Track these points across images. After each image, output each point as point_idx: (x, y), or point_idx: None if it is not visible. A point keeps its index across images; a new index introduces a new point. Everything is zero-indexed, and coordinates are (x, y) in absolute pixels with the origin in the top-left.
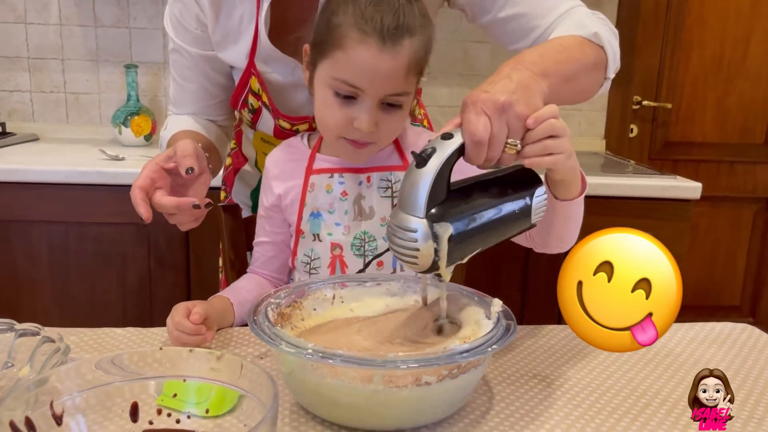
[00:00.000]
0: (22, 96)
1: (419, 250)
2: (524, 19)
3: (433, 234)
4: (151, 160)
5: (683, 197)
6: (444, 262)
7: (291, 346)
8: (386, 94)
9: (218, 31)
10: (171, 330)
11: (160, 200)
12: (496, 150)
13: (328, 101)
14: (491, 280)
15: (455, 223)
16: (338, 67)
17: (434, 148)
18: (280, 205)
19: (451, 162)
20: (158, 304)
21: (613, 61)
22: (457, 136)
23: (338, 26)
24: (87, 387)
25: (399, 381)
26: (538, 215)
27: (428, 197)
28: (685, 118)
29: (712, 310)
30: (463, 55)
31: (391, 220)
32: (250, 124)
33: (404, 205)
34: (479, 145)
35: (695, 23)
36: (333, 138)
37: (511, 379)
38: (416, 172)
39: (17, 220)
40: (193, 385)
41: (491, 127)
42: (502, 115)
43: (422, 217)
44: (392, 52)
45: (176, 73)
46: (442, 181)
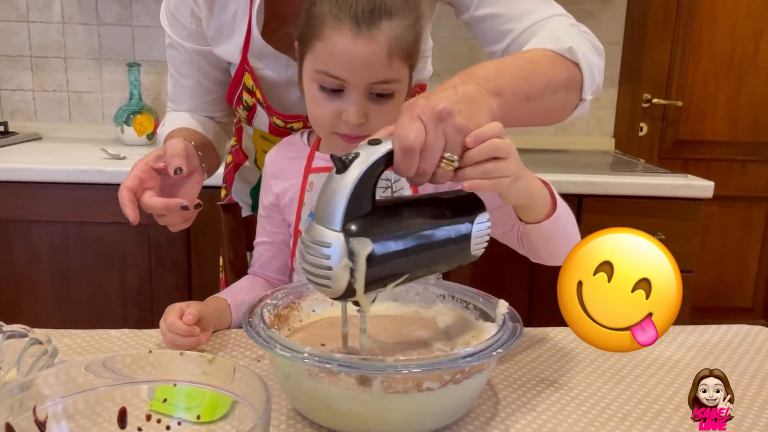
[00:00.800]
0: (25, 95)
1: (332, 269)
2: (499, 20)
3: (350, 251)
4: (141, 159)
5: (694, 196)
6: (361, 286)
7: (286, 349)
8: (370, 82)
9: (212, 26)
10: (164, 332)
11: (149, 201)
12: (429, 162)
13: (315, 96)
14: (497, 282)
15: (377, 241)
16: (319, 59)
17: (358, 153)
18: (278, 204)
19: (375, 170)
20: (159, 305)
21: (590, 81)
22: (386, 143)
23: (316, 16)
24: (75, 391)
25: (399, 386)
26: (479, 246)
27: (346, 208)
28: (695, 116)
29: (724, 312)
30: (468, 53)
31: (304, 234)
32: (246, 121)
33: (319, 216)
34: (409, 153)
35: (706, 20)
36: (325, 134)
37: (517, 383)
38: (335, 178)
39: (18, 220)
40: (183, 390)
41: (425, 135)
42: (440, 123)
43: (338, 231)
44: (368, 36)
45: (173, 68)
46: (365, 192)
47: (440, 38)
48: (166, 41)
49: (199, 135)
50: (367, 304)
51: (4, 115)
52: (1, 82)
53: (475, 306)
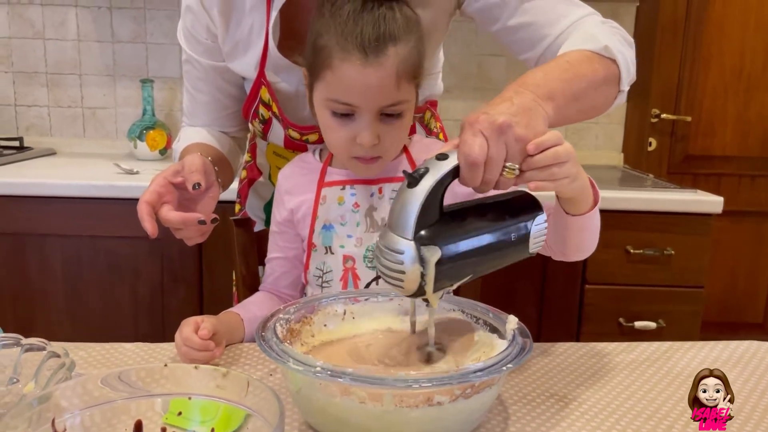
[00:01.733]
0: (40, 111)
1: (405, 273)
2: (533, 27)
3: (421, 257)
4: (159, 174)
5: (704, 211)
6: (431, 287)
7: (299, 363)
8: (381, 106)
9: (228, 42)
10: (179, 345)
11: (167, 215)
12: (493, 173)
13: (328, 123)
14: (507, 297)
15: (445, 247)
16: (330, 88)
17: (427, 168)
18: (292, 220)
19: (444, 183)
20: (170, 318)
21: (626, 74)
22: (452, 157)
23: (323, 47)
24: (92, 404)
25: (410, 401)
26: (536, 244)
27: (417, 219)
28: (705, 131)
29: (735, 328)
30: (477, 69)
31: (379, 240)
32: (261, 135)
33: (393, 225)
34: (474, 167)
35: (714, 35)
36: (344, 159)
37: (527, 398)
38: (407, 192)
39: (32, 233)
40: (198, 403)
41: (488, 148)
42: (501, 136)
43: (410, 239)
44: (376, 64)
45: (189, 84)
46: (434, 203)
47: (450, 54)
48: (182, 57)
49: (214, 150)
50: (436, 300)
51: (19, 131)
52: (17, 98)
53: (485, 321)
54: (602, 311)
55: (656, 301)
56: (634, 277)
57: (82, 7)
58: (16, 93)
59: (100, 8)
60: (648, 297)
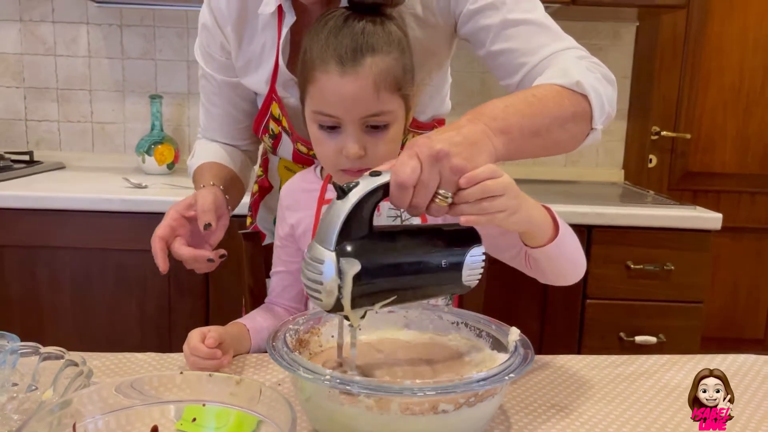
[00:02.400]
0: (50, 125)
1: (323, 284)
2: (514, 54)
3: (339, 269)
4: (173, 207)
5: (703, 228)
6: (347, 302)
7: (309, 372)
8: (362, 116)
9: (241, 58)
10: (187, 355)
11: (179, 250)
12: (422, 197)
13: (317, 136)
14: (509, 311)
15: (367, 262)
16: (314, 101)
17: (358, 182)
18: (294, 235)
19: (372, 198)
20: (177, 331)
21: (600, 112)
22: (384, 175)
23: (307, 61)
24: (108, 410)
25: (416, 408)
26: (472, 276)
27: (340, 230)
28: (704, 148)
29: (736, 343)
30: (480, 86)
31: (306, 251)
32: (271, 150)
33: (319, 236)
34: (402, 188)
35: (713, 53)
36: (333, 171)
37: (528, 408)
38: (335, 204)
39: (42, 246)
40: (212, 410)
41: (420, 172)
42: (436, 163)
43: (331, 250)
44: (353, 73)
45: (204, 98)
46: (361, 218)
47: (453, 72)
48: (199, 72)
49: (227, 170)
50: (356, 319)
51: (29, 145)
52: (28, 113)
53: (487, 333)
54: (603, 325)
55: (657, 315)
56: (634, 292)
57: (93, 24)
58: (27, 108)
59: (111, 25)
60: (648, 312)
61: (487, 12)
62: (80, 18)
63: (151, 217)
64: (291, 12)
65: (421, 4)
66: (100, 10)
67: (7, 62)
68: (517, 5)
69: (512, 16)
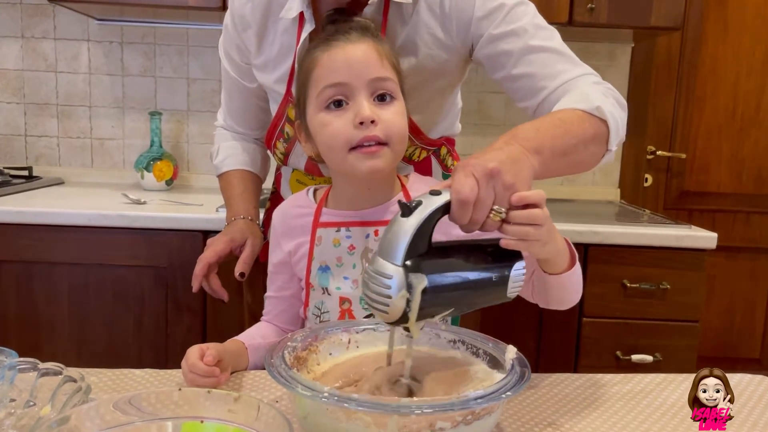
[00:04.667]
0: (50, 141)
1: (391, 298)
2: (534, 78)
3: (408, 284)
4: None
5: (699, 247)
6: (414, 315)
7: (307, 389)
8: (370, 79)
9: (260, 58)
10: (185, 372)
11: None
12: (481, 213)
13: (324, 120)
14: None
15: (431, 276)
16: (320, 82)
17: (420, 201)
18: (289, 262)
19: (434, 217)
20: (174, 347)
21: (615, 135)
22: (444, 194)
23: (306, 61)
24: (106, 427)
25: (413, 426)
26: (514, 289)
27: (408, 247)
28: (699, 168)
29: (732, 363)
30: (477, 105)
31: (369, 265)
32: (282, 158)
33: (383, 251)
34: (464, 205)
35: (708, 75)
36: (344, 152)
37: (525, 427)
38: (400, 221)
39: (40, 261)
40: (210, 427)
41: (478, 189)
42: (490, 180)
43: (399, 265)
44: (357, 42)
45: (224, 89)
46: (424, 235)
47: None
48: (220, 64)
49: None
50: (417, 330)
51: (29, 161)
52: (28, 129)
53: (485, 351)
54: (600, 344)
55: (653, 334)
56: (630, 311)
57: (94, 41)
58: (26, 124)
59: (112, 43)
60: (645, 330)
61: (508, 38)
62: (81, 35)
63: (149, 233)
64: (311, 20)
65: (441, 25)
66: (101, 28)
67: (7, 78)
68: (537, 33)
69: (534, 43)
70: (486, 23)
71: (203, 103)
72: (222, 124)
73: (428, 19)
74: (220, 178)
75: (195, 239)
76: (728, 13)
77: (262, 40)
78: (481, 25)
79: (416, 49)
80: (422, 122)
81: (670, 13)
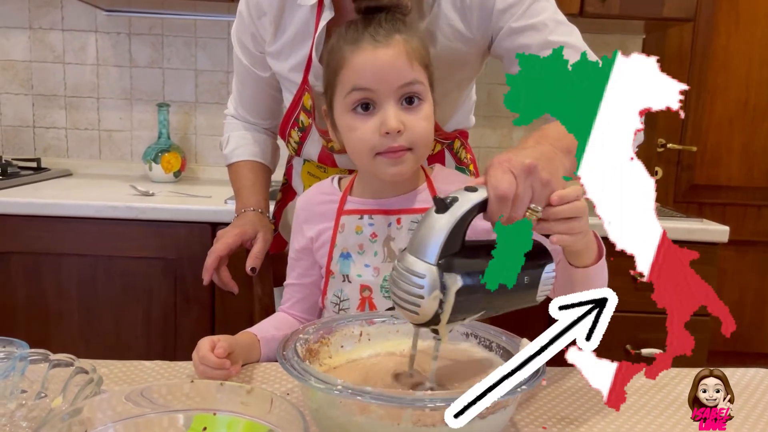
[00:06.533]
0: (58, 132)
1: (423, 298)
2: None
3: (442, 284)
4: (230, 229)
5: (710, 240)
6: (446, 317)
7: (320, 381)
8: (398, 85)
9: (276, 45)
10: (196, 364)
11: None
12: (519, 210)
13: (351, 124)
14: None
15: (465, 277)
16: (347, 84)
17: (456, 197)
18: (311, 248)
19: (471, 214)
20: (182, 339)
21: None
22: (481, 191)
23: (335, 55)
24: (118, 418)
25: (427, 420)
26: (543, 292)
27: (443, 244)
28: (710, 161)
29: (742, 357)
30: (487, 98)
31: (398, 262)
32: (296, 148)
33: (415, 249)
34: (503, 201)
35: (720, 68)
36: (370, 157)
37: (538, 421)
38: (435, 217)
39: (49, 253)
40: (224, 419)
41: (516, 186)
42: (528, 177)
43: (433, 264)
44: (386, 45)
45: (237, 77)
46: (459, 233)
47: None
48: (233, 53)
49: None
50: (446, 333)
51: (37, 152)
52: (36, 120)
53: (498, 344)
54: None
55: (663, 328)
56: (641, 304)
57: (102, 32)
58: (35, 115)
59: (120, 34)
60: (655, 324)
61: (528, 32)
62: (89, 26)
63: (157, 224)
64: (330, 8)
65: (461, 18)
66: (109, 19)
67: (16, 69)
68: (557, 28)
69: (553, 38)
70: (506, 16)
71: (211, 94)
72: (233, 113)
73: (449, 11)
74: (230, 168)
75: (203, 231)
76: (740, 5)
77: (277, 27)
78: (501, 18)
79: (435, 41)
80: (438, 115)
81: (682, 4)
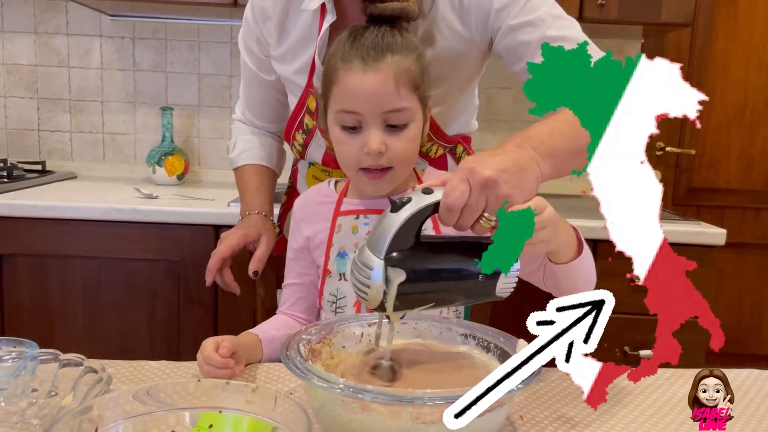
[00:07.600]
0: (62, 136)
1: (370, 288)
2: None
3: (386, 277)
4: (234, 233)
5: (708, 243)
6: (390, 306)
7: (322, 380)
8: (383, 111)
9: (280, 49)
10: (201, 364)
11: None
12: (467, 219)
13: (339, 137)
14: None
15: (411, 272)
16: (337, 102)
17: (411, 198)
18: (308, 247)
19: (423, 215)
20: (186, 340)
21: None
22: (436, 193)
23: (329, 69)
24: (126, 416)
25: (427, 417)
26: (506, 288)
27: (391, 241)
28: (709, 164)
29: (740, 359)
30: (487, 102)
31: (357, 254)
32: (300, 151)
33: (370, 244)
34: (450, 210)
35: (718, 71)
36: (353, 172)
37: (535, 420)
38: (388, 216)
39: (54, 255)
40: (229, 417)
41: (468, 197)
42: (484, 190)
43: (381, 258)
44: (375, 69)
45: (243, 81)
46: (410, 231)
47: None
48: (240, 57)
49: (268, 179)
50: (396, 319)
51: (42, 155)
52: (41, 124)
53: (495, 345)
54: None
55: None
56: (638, 306)
57: (106, 37)
58: (39, 118)
59: (124, 38)
60: (652, 326)
61: (526, 29)
62: (94, 30)
63: (161, 227)
64: (333, 12)
65: (460, 19)
66: (114, 23)
67: (21, 73)
68: (554, 22)
69: (551, 33)
70: (504, 15)
71: (214, 98)
72: (240, 117)
73: (447, 12)
74: (236, 171)
75: (206, 233)
76: (738, 10)
77: (282, 31)
78: (499, 17)
79: (434, 42)
80: (439, 116)
81: (680, 8)
